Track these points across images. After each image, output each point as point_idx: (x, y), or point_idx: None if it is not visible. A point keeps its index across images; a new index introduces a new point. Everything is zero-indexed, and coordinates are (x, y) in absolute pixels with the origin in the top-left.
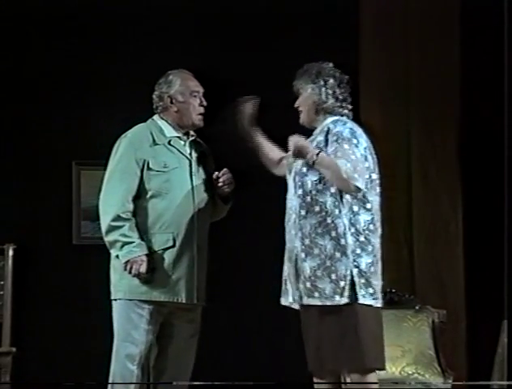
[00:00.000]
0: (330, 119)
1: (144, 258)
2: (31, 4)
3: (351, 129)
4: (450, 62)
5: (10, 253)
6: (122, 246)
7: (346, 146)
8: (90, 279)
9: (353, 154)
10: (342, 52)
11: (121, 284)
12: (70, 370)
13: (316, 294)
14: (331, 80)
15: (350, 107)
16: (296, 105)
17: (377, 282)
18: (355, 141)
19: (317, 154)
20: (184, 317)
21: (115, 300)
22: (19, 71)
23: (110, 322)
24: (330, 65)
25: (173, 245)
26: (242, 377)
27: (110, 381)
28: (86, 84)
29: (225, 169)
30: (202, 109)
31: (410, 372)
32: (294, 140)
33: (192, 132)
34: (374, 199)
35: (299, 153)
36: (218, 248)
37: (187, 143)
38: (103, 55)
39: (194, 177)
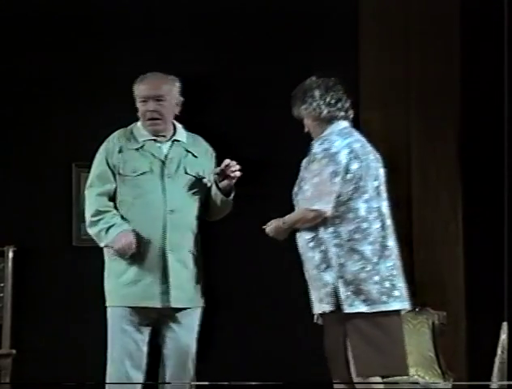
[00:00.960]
0: (324, 133)
1: (129, 231)
2: (32, 5)
3: (325, 149)
4: (450, 62)
5: (10, 255)
6: (107, 231)
7: (315, 166)
8: (90, 281)
9: (319, 175)
10: (342, 52)
11: (107, 291)
12: (69, 372)
13: (312, 303)
14: (317, 91)
15: (346, 106)
16: (306, 131)
17: (370, 287)
18: (325, 161)
19: (283, 222)
20: (177, 319)
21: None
22: (19, 73)
23: None
24: (313, 78)
25: (145, 249)
26: (243, 377)
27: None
28: (86, 86)
29: (227, 160)
30: (150, 115)
31: (410, 374)
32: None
33: (178, 134)
34: (361, 206)
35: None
36: (220, 249)
37: (164, 145)
38: (104, 57)
39: (168, 179)
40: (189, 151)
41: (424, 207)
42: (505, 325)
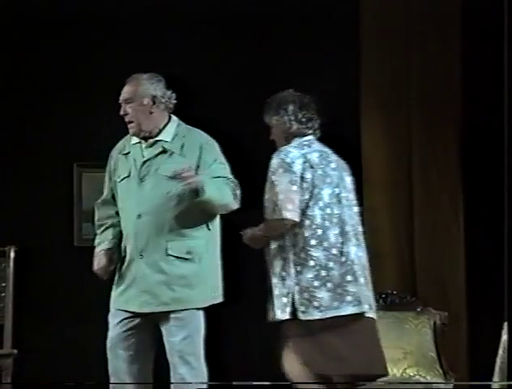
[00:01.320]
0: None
1: (102, 253)
2: (33, 6)
3: (280, 159)
4: (450, 62)
5: (12, 255)
6: (96, 247)
7: (273, 177)
8: (91, 281)
9: (278, 185)
10: (342, 52)
11: None
12: (71, 372)
13: (274, 311)
14: (291, 106)
15: (315, 126)
16: (271, 138)
17: (323, 294)
18: (281, 170)
19: (258, 231)
20: (168, 320)
21: None
22: (21, 73)
23: None
24: (291, 91)
25: (125, 255)
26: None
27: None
28: (88, 86)
29: (183, 166)
30: (125, 119)
31: (412, 374)
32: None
33: (164, 133)
34: (317, 214)
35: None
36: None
37: (145, 147)
38: (106, 58)
39: (141, 182)
40: (167, 150)
41: (425, 207)
42: (506, 325)
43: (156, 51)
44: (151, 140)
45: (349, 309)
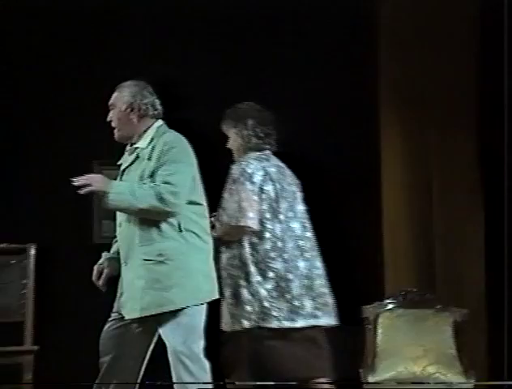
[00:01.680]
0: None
1: (95, 267)
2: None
3: (242, 169)
4: (468, 62)
5: (32, 252)
6: None
7: (234, 186)
8: (110, 278)
9: (238, 193)
10: (359, 52)
11: None
12: (91, 369)
13: (239, 320)
14: (250, 121)
15: (273, 142)
16: (227, 147)
17: (282, 305)
18: (242, 179)
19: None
20: (160, 322)
21: None
22: (40, 70)
23: None
24: (251, 104)
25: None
26: None
27: None
28: (107, 83)
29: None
30: (112, 124)
31: (432, 371)
32: None
33: (142, 139)
34: (277, 226)
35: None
36: None
37: (127, 154)
38: (122, 56)
39: None
40: (140, 156)
41: (444, 205)
42: None
43: (169, 54)
44: (130, 147)
45: (303, 323)
